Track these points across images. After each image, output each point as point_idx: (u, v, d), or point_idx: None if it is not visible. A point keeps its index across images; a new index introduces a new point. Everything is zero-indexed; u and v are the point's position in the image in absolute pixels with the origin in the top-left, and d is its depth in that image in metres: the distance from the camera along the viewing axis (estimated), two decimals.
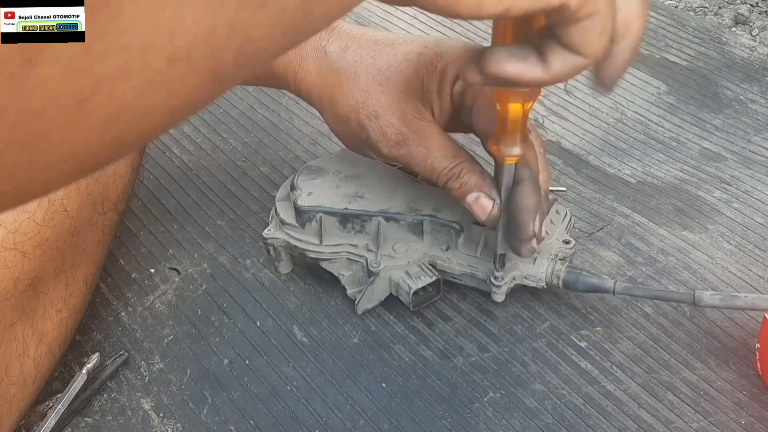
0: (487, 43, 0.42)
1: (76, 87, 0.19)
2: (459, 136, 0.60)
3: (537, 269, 0.56)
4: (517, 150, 0.48)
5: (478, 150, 0.67)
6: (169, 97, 0.22)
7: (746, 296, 0.52)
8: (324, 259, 0.59)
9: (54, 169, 0.21)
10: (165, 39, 0.20)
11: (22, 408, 0.52)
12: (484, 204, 0.52)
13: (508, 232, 0.53)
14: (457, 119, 0.56)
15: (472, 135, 0.58)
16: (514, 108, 0.45)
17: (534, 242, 0.52)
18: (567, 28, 0.35)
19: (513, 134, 0.47)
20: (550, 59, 0.36)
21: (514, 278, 0.56)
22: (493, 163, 0.54)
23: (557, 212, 0.59)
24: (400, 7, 0.95)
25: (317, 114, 0.79)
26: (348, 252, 0.58)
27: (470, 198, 0.52)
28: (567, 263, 0.57)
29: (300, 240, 0.59)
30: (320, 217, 0.58)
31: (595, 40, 0.35)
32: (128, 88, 0.20)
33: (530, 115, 0.76)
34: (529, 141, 0.48)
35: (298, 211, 0.58)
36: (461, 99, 0.54)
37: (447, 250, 0.57)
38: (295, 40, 0.25)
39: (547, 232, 0.56)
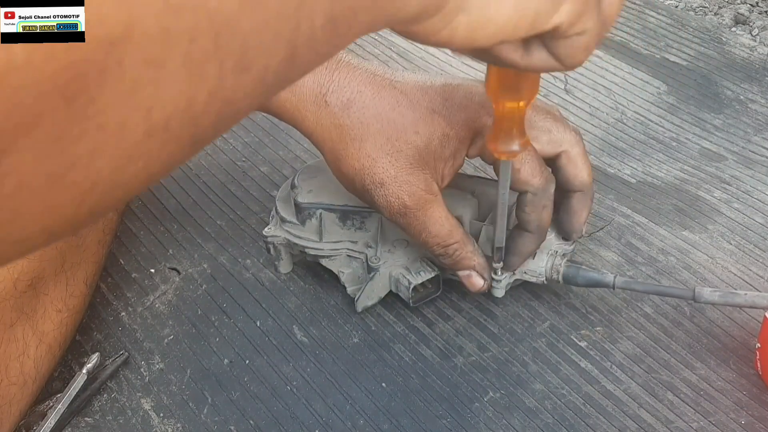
0: None
1: (49, 169, 0.19)
2: None
3: (537, 264, 0.56)
4: (514, 147, 0.48)
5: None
6: (147, 166, 0.21)
7: (746, 294, 0.52)
8: (324, 256, 0.59)
9: (25, 243, 0.21)
10: (142, 115, 0.20)
11: (22, 408, 0.52)
12: (475, 282, 0.56)
13: (506, 250, 0.55)
14: None
15: None
16: (509, 106, 0.45)
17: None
18: (555, 42, 0.35)
19: (509, 132, 0.47)
20: (532, 53, 0.36)
21: (513, 273, 0.56)
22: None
23: None
24: None
25: None
26: (348, 249, 0.58)
27: (462, 273, 0.56)
28: (566, 259, 0.57)
29: (300, 237, 0.59)
30: (320, 214, 0.58)
31: (579, 54, 0.36)
32: (104, 165, 0.20)
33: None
34: (527, 140, 0.48)
35: (298, 208, 0.58)
36: (480, 155, 0.55)
37: None
38: (277, 91, 0.25)
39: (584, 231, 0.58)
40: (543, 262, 0.56)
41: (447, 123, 0.53)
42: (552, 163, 0.55)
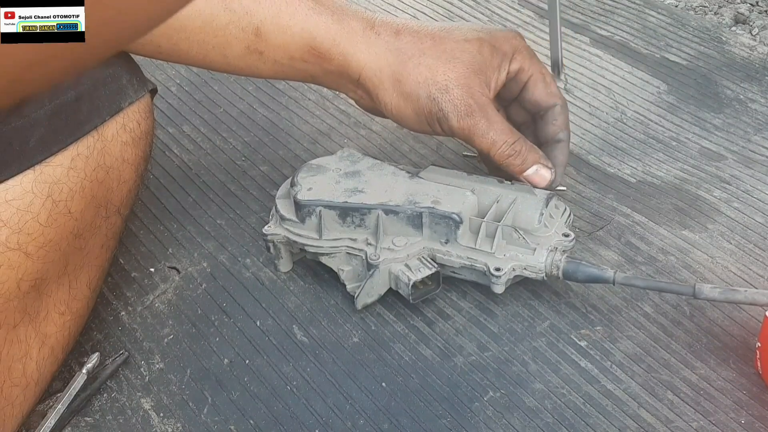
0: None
1: None
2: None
3: (536, 259, 0.56)
4: None
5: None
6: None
7: (746, 291, 0.52)
8: (323, 254, 0.59)
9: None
10: None
11: (24, 410, 0.52)
12: (544, 174, 0.60)
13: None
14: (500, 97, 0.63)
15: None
16: None
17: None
18: None
19: None
20: None
21: (513, 269, 0.56)
22: None
23: (556, 207, 0.59)
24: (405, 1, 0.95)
25: (317, 113, 0.80)
26: (347, 246, 0.58)
27: (531, 171, 0.60)
28: (566, 255, 0.57)
29: (300, 235, 0.59)
30: (320, 211, 0.58)
31: None
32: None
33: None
34: None
35: (298, 206, 0.58)
36: (516, 75, 0.61)
37: (446, 243, 0.57)
38: None
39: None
40: (543, 257, 0.56)
41: (491, 39, 0.60)
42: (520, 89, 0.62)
